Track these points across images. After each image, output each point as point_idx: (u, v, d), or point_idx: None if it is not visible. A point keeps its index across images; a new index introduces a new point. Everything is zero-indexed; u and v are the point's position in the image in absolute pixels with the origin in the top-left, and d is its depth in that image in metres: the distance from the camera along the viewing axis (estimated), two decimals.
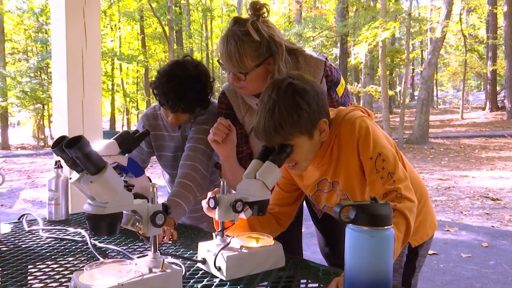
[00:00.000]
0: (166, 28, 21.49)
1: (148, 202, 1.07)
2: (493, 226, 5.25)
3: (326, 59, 1.78)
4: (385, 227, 0.96)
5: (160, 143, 2.12)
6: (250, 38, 1.55)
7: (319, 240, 2.04)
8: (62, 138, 0.99)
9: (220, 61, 1.65)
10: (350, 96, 1.85)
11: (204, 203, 1.36)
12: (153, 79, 1.92)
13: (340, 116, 1.38)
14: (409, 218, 1.19)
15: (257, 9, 1.59)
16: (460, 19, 24.45)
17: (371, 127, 1.32)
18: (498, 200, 6.70)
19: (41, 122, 22.46)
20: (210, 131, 1.71)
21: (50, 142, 21.75)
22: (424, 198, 1.50)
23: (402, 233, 1.17)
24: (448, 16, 14.66)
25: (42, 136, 22.49)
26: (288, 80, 1.31)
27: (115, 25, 23.88)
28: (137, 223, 1.05)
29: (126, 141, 1.58)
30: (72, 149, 0.91)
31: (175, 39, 21.24)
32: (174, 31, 21.20)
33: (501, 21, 22.67)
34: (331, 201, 1.49)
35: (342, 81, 1.78)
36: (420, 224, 1.48)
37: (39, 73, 21.95)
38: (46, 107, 21.80)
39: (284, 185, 1.57)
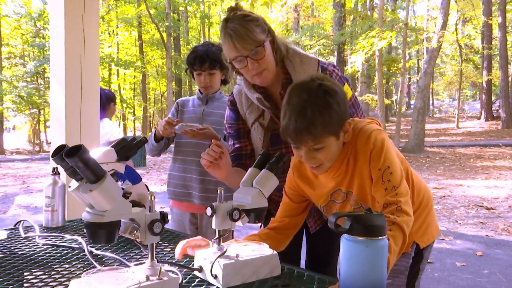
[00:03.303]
0: (164, 35, 21.54)
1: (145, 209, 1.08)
2: (487, 235, 5.27)
3: (334, 66, 1.81)
4: (380, 237, 0.97)
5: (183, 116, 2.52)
6: (249, 18, 1.63)
7: (307, 254, 2.05)
8: (62, 146, 1.00)
9: (233, 53, 1.65)
10: (358, 108, 1.83)
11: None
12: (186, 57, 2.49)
13: (357, 127, 1.40)
14: (406, 233, 1.23)
15: (235, 8, 1.68)
16: (456, 29, 24.66)
17: (386, 141, 1.36)
18: (492, 209, 6.72)
19: (37, 127, 22.41)
20: (201, 155, 1.71)
21: (46, 147, 21.71)
22: (430, 201, 1.57)
23: (398, 247, 1.20)
24: (444, 26, 14.79)
25: (38, 141, 22.42)
26: (317, 82, 1.33)
27: (113, 31, 23.94)
28: (135, 231, 1.06)
29: (124, 149, 1.59)
30: (72, 158, 0.92)
31: (172, 46, 21.30)
32: (172, 38, 21.27)
33: (496, 32, 22.89)
34: (345, 210, 1.50)
35: (347, 89, 1.76)
36: (428, 225, 1.54)
37: (35, 78, 21.92)
38: (42, 112, 21.76)
39: (293, 195, 1.58)
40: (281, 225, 1.56)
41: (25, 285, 1.20)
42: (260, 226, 1.84)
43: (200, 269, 1.25)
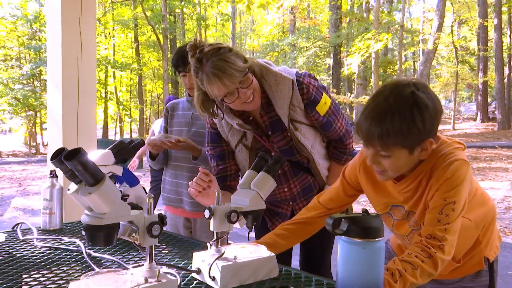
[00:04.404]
0: (160, 37, 21.53)
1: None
2: None
3: (310, 76, 1.77)
4: (377, 239, 0.98)
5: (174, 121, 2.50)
6: (223, 50, 1.57)
7: (300, 256, 2.05)
8: (61, 149, 1.00)
9: (222, 91, 1.59)
10: (339, 114, 1.80)
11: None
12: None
13: (441, 150, 1.30)
14: (435, 273, 1.17)
15: (197, 45, 1.59)
16: (452, 31, 24.75)
17: (466, 177, 1.26)
18: None
19: (33, 129, 22.33)
20: (189, 184, 1.67)
21: (42, 150, 21.65)
22: (495, 213, 1.51)
23: (418, 280, 1.14)
24: (440, 28, 14.87)
25: (34, 144, 22.35)
26: (411, 89, 1.22)
27: (109, 33, 23.90)
28: (134, 234, 1.06)
29: (122, 151, 1.59)
30: (71, 161, 0.93)
31: (169, 48, 21.25)
32: (168, 40, 21.23)
33: (491, 34, 23.00)
34: (400, 229, 1.44)
35: (326, 99, 1.74)
36: (494, 237, 1.48)
37: (31, 80, 21.87)
38: (38, 114, 21.70)
39: (347, 185, 1.53)
40: (319, 212, 1.54)
41: (24, 287, 1.21)
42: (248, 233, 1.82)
43: (198, 271, 1.26)
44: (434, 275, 1.17)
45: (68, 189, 1.02)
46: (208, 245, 1.31)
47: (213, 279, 1.20)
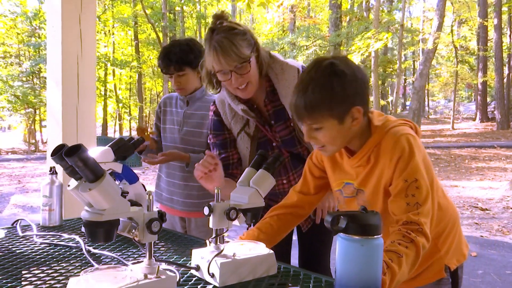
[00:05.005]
0: (160, 35, 21.51)
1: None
2: (482, 236, 5.31)
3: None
4: (375, 236, 0.99)
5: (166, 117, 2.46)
6: (236, 31, 1.61)
7: (299, 253, 2.06)
8: (61, 146, 1.01)
9: (216, 67, 1.64)
10: None
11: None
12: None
13: (386, 126, 1.34)
14: (420, 255, 1.17)
15: (221, 16, 1.65)
16: (452, 30, 24.76)
17: (416, 149, 1.28)
18: (487, 210, 6.76)
19: (32, 127, 22.30)
20: (195, 166, 1.67)
21: (41, 147, 21.62)
22: (457, 220, 1.49)
23: (408, 266, 1.15)
24: (440, 27, 14.87)
25: (33, 141, 22.31)
26: (329, 60, 1.28)
27: (109, 30, 23.87)
28: (133, 230, 1.07)
29: (121, 149, 1.60)
30: (71, 157, 0.93)
31: None
32: (168, 38, 21.20)
33: (491, 34, 23.00)
34: (351, 207, 1.46)
35: None
36: (457, 245, 1.46)
37: (31, 77, 21.83)
38: (37, 111, 21.68)
39: (313, 167, 1.55)
40: (290, 202, 1.55)
41: (24, 283, 1.21)
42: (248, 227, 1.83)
43: (197, 268, 1.26)
44: (417, 262, 1.17)
45: (68, 185, 1.02)
46: (207, 242, 1.32)
47: (212, 275, 1.21)
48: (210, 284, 1.21)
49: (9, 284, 1.19)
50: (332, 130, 1.29)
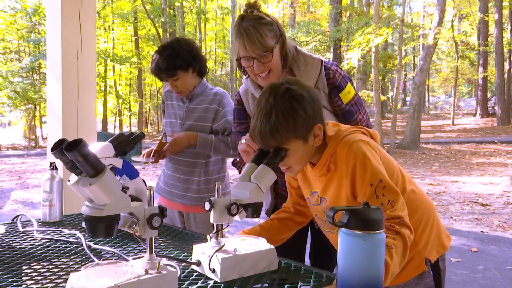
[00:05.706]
0: (160, 30, 21.48)
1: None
2: (482, 231, 5.31)
3: (337, 65, 1.83)
4: (377, 231, 0.98)
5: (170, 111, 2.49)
6: (263, 21, 1.67)
7: (310, 250, 2.08)
8: (62, 141, 1.00)
9: (242, 52, 1.70)
10: (361, 106, 1.85)
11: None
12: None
13: (339, 136, 1.39)
14: (407, 246, 1.20)
15: (253, 6, 1.71)
16: (452, 26, 24.71)
17: (369, 153, 1.32)
18: (487, 205, 6.77)
19: (33, 123, 22.30)
20: (244, 139, 1.73)
21: (42, 143, 21.63)
22: (433, 212, 1.50)
23: (399, 257, 1.17)
24: (440, 22, 14.82)
25: (33, 137, 22.32)
26: (285, 86, 1.34)
27: (109, 26, 23.82)
28: (134, 225, 1.06)
29: (122, 144, 1.59)
30: (71, 152, 0.93)
31: None
32: (167, 33, 21.15)
33: (492, 29, 22.94)
34: (319, 214, 1.52)
35: (350, 89, 1.80)
36: (436, 236, 1.48)
37: (31, 73, 21.81)
38: (37, 107, 21.66)
39: (294, 183, 1.62)
40: (288, 209, 1.63)
41: (24, 278, 1.21)
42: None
43: (198, 263, 1.26)
44: (406, 253, 1.20)
45: (69, 180, 1.02)
46: (208, 237, 1.31)
47: (213, 271, 1.20)
48: (211, 279, 1.21)
49: (9, 280, 1.19)
50: (298, 150, 1.35)
